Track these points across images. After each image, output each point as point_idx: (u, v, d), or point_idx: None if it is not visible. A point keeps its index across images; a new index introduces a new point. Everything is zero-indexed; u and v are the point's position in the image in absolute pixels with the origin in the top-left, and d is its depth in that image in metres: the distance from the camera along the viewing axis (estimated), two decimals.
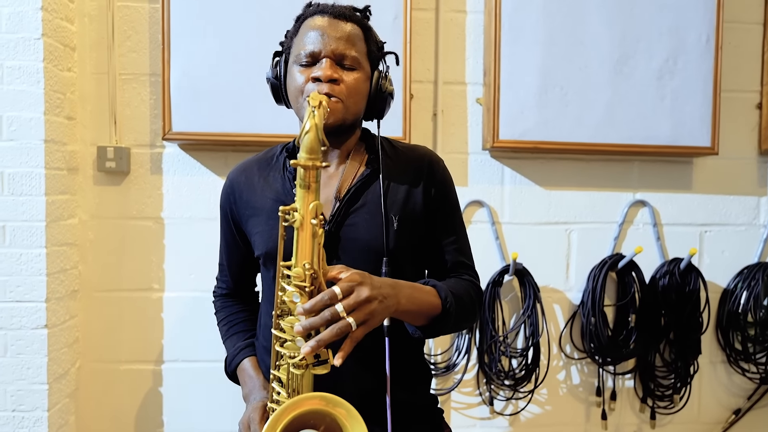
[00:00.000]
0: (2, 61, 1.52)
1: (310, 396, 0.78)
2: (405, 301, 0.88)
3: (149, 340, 1.76)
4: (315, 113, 0.81)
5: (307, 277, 0.81)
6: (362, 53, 0.99)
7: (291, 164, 0.82)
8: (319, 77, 0.94)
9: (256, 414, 0.97)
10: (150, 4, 1.71)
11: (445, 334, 1.03)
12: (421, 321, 0.95)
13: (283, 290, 0.84)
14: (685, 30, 1.75)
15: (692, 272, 1.82)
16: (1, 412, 1.57)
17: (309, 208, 0.81)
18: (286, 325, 0.83)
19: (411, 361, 1.07)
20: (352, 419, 0.76)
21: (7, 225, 1.54)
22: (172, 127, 1.65)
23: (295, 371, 0.83)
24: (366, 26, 1.02)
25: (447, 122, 1.81)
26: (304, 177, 0.81)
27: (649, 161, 1.87)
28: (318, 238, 0.81)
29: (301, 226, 0.81)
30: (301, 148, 0.81)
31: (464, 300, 1.00)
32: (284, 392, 0.85)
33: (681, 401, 1.84)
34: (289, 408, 0.76)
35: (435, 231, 1.06)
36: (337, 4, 1.01)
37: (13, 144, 1.53)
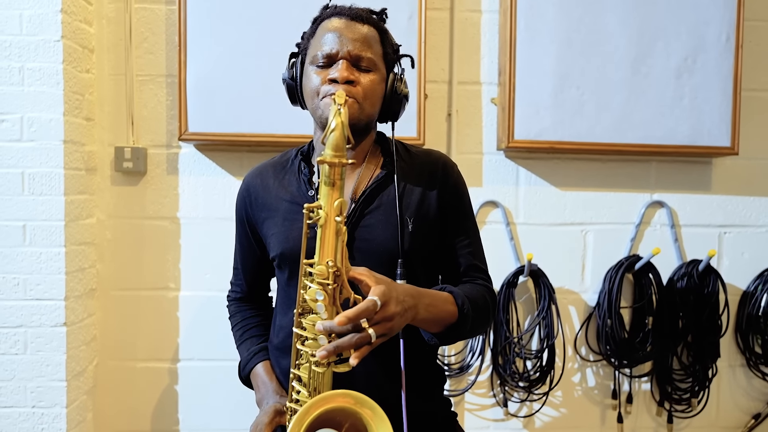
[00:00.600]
0: (23, 63, 1.54)
1: (338, 393, 0.78)
2: (423, 311, 0.89)
3: (165, 338, 1.78)
4: (341, 111, 0.81)
5: (330, 274, 0.81)
6: (378, 55, 0.99)
7: (317, 161, 0.83)
8: (335, 78, 0.94)
9: (265, 417, 0.98)
10: (167, 6, 1.73)
11: (460, 340, 1.04)
12: (437, 328, 0.96)
13: (305, 288, 0.84)
14: (705, 28, 1.72)
15: (711, 274, 1.79)
16: (22, 408, 1.59)
17: (333, 206, 0.81)
18: (308, 323, 0.83)
19: (425, 364, 1.07)
20: (378, 420, 0.76)
21: (27, 224, 1.57)
22: (188, 127, 1.66)
23: (317, 369, 0.83)
24: (382, 29, 1.02)
25: (461, 122, 1.80)
26: (329, 174, 0.82)
27: (667, 161, 1.84)
28: (342, 235, 0.82)
29: (325, 223, 0.81)
30: (327, 146, 0.81)
31: (480, 306, 1.00)
32: (305, 391, 0.86)
33: (699, 405, 1.82)
34: (317, 403, 0.76)
35: (449, 234, 1.06)
36: (354, 6, 1.01)
37: (33, 145, 1.56)
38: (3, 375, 1.58)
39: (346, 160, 0.82)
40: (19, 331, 1.58)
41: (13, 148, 1.55)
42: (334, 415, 0.77)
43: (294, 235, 1.00)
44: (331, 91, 0.94)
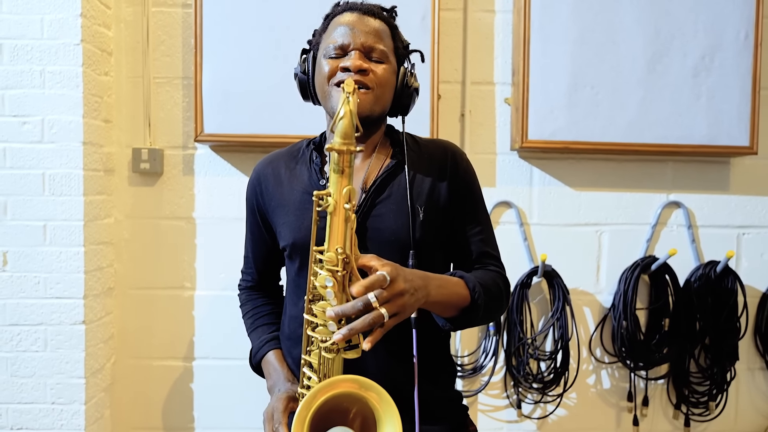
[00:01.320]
0: (44, 67, 1.58)
1: (344, 378, 0.79)
2: (434, 292, 0.89)
3: (181, 337, 1.81)
4: (349, 99, 0.82)
5: (340, 261, 0.82)
6: (389, 48, 1.01)
7: (326, 149, 0.84)
8: (348, 67, 0.96)
9: (279, 404, 0.99)
10: (183, 9, 1.76)
11: (474, 326, 1.04)
12: (450, 312, 0.96)
13: (315, 275, 0.86)
14: (723, 26, 1.70)
15: (729, 276, 1.76)
16: (42, 404, 1.63)
17: (342, 193, 0.83)
18: (318, 309, 0.85)
19: (437, 355, 1.08)
20: (383, 403, 0.77)
21: (47, 224, 1.60)
22: (203, 129, 1.68)
23: (327, 355, 0.84)
24: (393, 24, 1.05)
25: (475, 122, 1.80)
26: (338, 162, 0.83)
27: (684, 161, 1.82)
28: (350, 223, 0.83)
29: (334, 210, 0.83)
30: (336, 134, 0.82)
31: (492, 291, 1.01)
32: (315, 377, 0.87)
33: (717, 408, 1.79)
34: (323, 389, 0.77)
35: (459, 222, 1.07)
36: (365, 2, 1.02)
37: (53, 146, 1.59)
38: (24, 372, 1.62)
39: (355, 148, 0.83)
40: (40, 328, 1.61)
41: (34, 150, 1.59)
42: (341, 400, 0.78)
43: (305, 224, 1.01)
44: (343, 78, 0.95)
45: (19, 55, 1.57)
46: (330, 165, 0.84)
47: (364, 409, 0.78)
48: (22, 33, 1.57)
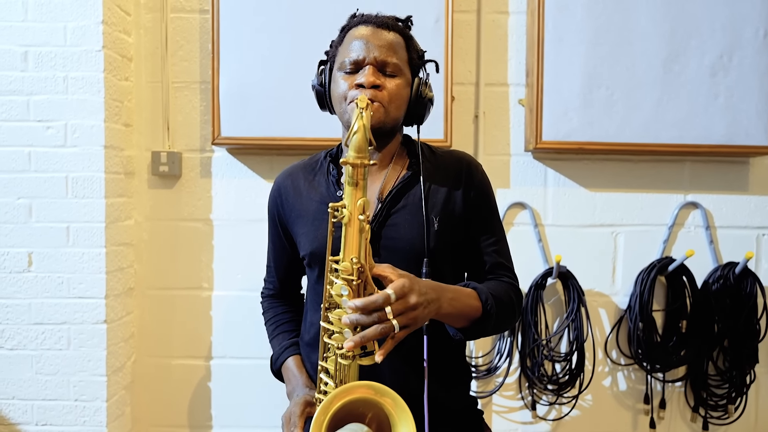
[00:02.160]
0: (67, 73, 1.62)
1: (359, 384, 0.81)
2: (446, 305, 0.90)
3: (199, 336, 1.84)
4: (363, 115, 0.85)
5: (355, 270, 0.84)
6: (403, 61, 1.02)
7: (340, 162, 0.86)
8: (362, 83, 0.98)
9: (297, 408, 1.01)
10: (200, 15, 1.79)
11: (485, 336, 1.05)
12: (461, 323, 0.97)
13: (331, 284, 0.88)
14: (741, 25, 1.67)
15: (748, 277, 1.74)
16: (65, 401, 1.67)
17: (357, 205, 0.85)
18: (334, 317, 0.87)
19: (451, 361, 1.09)
20: (398, 408, 0.78)
21: (70, 226, 1.64)
22: (221, 132, 1.72)
23: (343, 362, 0.86)
24: (407, 35, 1.05)
25: (489, 124, 1.80)
26: (352, 175, 0.85)
27: (702, 161, 1.80)
28: (365, 233, 0.85)
29: (349, 221, 0.85)
30: (350, 148, 0.85)
31: (504, 302, 1.02)
32: (332, 382, 0.89)
33: (736, 412, 1.76)
34: (340, 394, 0.79)
35: (474, 233, 1.08)
36: (380, 14, 1.04)
37: (75, 150, 1.63)
38: (48, 369, 1.67)
39: (368, 161, 0.85)
40: (63, 327, 1.66)
41: (57, 154, 1.63)
42: (357, 405, 0.79)
43: (322, 234, 1.03)
44: (357, 96, 0.97)
45: (43, 62, 1.62)
46: (345, 177, 0.86)
47: (380, 415, 0.80)
48: (46, 40, 1.61)
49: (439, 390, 1.00)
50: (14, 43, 1.61)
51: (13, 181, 1.63)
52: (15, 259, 1.65)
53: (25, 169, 1.64)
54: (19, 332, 1.66)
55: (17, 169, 1.63)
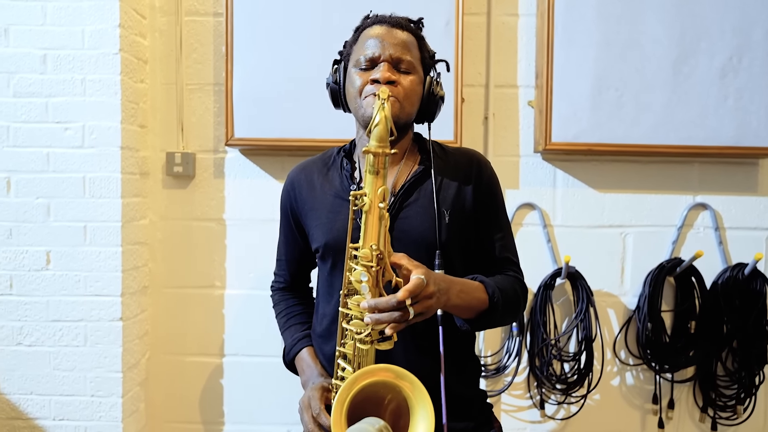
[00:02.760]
0: (85, 75, 1.66)
1: (380, 367, 0.84)
2: (455, 297, 0.94)
3: (211, 334, 1.87)
4: (384, 106, 0.88)
5: (374, 257, 0.87)
6: (417, 59, 1.05)
7: (362, 151, 0.89)
8: (377, 79, 1.00)
9: (316, 393, 1.04)
10: (214, 18, 1.82)
11: (491, 328, 1.08)
12: (468, 314, 1.01)
13: (351, 270, 0.91)
14: (750, 27, 1.68)
15: (758, 278, 1.74)
16: (82, 396, 1.71)
17: (377, 193, 0.88)
18: (353, 303, 0.90)
19: (462, 352, 1.12)
20: (416, 391, 0.81)
21: (87, 225, 1.68)
22: (234, 133, 1.74)
23: (362, 346, 0.90)
24: (419, 36, 1.09)
25: (498, 125, 1.82)
26: (373, 163, 0.88)
27: (711, 163, 1.80)
28: (384, 221, 0.88)
29: (369, 209, 0.88)
30: (372, 137, 0.88)
31: (510, 295, 1.05)
32: (350, 367, 0.92)
33: (745, 412, 1.77)
34: (362, 376, 0.83)
35: (482, 227, 1.11)
36: (393, 14, 1.06)
37: (93, 151, 1.67)
38: (65, 365, 1.70)
39: (389, 150, 0.89)
40: (80, 324, 1.70)
41: (75, 155, 1.67)
42: (377, 388, 0.82)
43: (337, 226, 1.06)
44: (373, 91, 1.00)
45: (62, 65, 1.65)
46: (366, 167, 0.90)
47: (398, 397, 0.82)
48: (64, 44, 1.65)
49: (451, 379, 1.03)
50: (33, 47, 1.65)
51: (32, 181, 1.67)
52: (33, 258, 1.69)
53: (43, 170, 1.67)
54: (37, 329, 1.70)
55: (36, 170, 1.67)
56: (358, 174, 1.11)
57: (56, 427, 1.71)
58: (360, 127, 1.11)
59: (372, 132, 0.88)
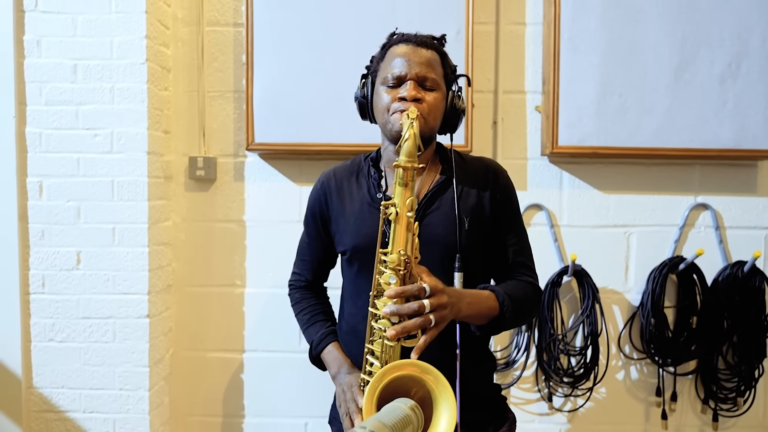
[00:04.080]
0: (113, 84, 1.74)
1: (407, 362, 0.92)
2: (465, 308, 1.02)
3: (232, 331, 1.95)
4: (413, 125, 0.97)
5: (402, 262, 0.95)
6: (440, 76, 1.13)
7: (393, 166, 0.97)
8: (404, 97, 1.08)
9: (353, 379, 1.11)
10: (234, 28, 1.90)
11: (506, 331, 1.16)
12: (480, 322, 1.09)
13: (380, 273, 0.99)
14: (748, 34, 1.75)
15: (757, 275, 1.81)
16: (111, 390, 1.79)
17: (406, 203, 0.96)
18: (381, 304, 0.98)
19: (478, 350, 1.19)
20: (439, 385, 0.89)
21: (116, 227, 1.76)
22: (254, 138, 1.83)
23: (389, 343, 0.97)
24: (442, 52, 1.16)
25: (507, 129, 1.90)
26: (403, 176, 0.97)
27: (711, 165, 1.88)
28: (412, 229, 0.96)
29: (398, 218, 0.96)
30: (402, 153, 0.96)
31: (521, 301, 1.12)
32: (378, 362, 0.99)
33: (745, 404, 1.84)
34: (391, 369, 0.90)
35: (499, 232, 1.18)
36: (418, 33, 1.14)
37: (121, 156, 1.75)
38: (95, 361, 1.78)
39: (417, 165, 0.97)
40: (109, 321, 1.78)
41: (104, 160, 1.75)
42: (403, 381, 0.90)
43: (365, 231, 1.14)
44: (400, 108, 1.08)
45: (91, 74, 1.74)
46: (395, 179, 0.98)
47: (422, 390, 0.90)
48: (93, 54, 1.73)
49: (469, 374, 1.10)
50: (65, 57, 1.73)
51: (63, 185, 1.76)
52: (65, 258, 1.77)
53: (74, 174, 1.76)
54: (68, 326, 1.78)
55: (67, 174, 1.75)
56: (384, 182, 1.18)
57: (86, 420, 1.79)
58: (385, 139, 1.18)
59: (402, 148, 0.96)
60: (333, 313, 1.35)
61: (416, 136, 0.96)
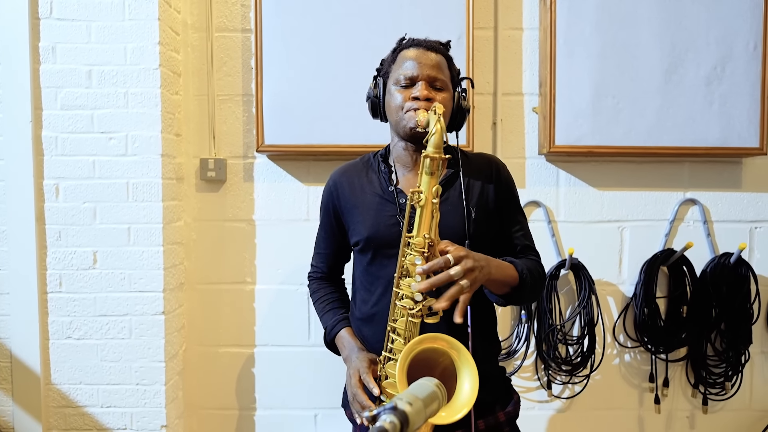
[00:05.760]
0: (127, 89, 1.79)
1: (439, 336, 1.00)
2: (495, 270, 1.10)
3: (243, 326, 2.02)
4: (441, 119, 1.06)
5: (426, 244, 1.04)
6: (447, 78, 1.22)
7: (422, 156, 1.06)
8: (417, 96, 1.17)
9: (364, 363, 1.19)
10: (242, 34, 1.96)
11: (520, 304, 1.25)
12: (503, 290, 1.17)
13: (405, 255, 1.08)
14: (733, 38, 1.86)
15: (742, 266, 1.92)
16: (127, 385, 1.85)
17: (432, 191, 1.05)
18: (405, 284, 1.06)
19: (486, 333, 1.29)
20: (463, 359, 0.98)
21: (131, 227, 1.82)
22: (264, 140, 1.89)
23: (413, 320, 1.06)
24: (448, 57, 1.25)
25: (506, 130, 1.99)
26: (430, 166, 1.06)
27: (699, 162, 1.98)
28: (436, 214, 1.05)
29: (425, 204, 1.05)
30: (429, 145, 1.05)
31: (534, 274, 1.23)
32: (400, 339, 1.08)
33: (732, 389, 1.95)
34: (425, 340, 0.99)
35: (504, 220, 1.28)
36: (427, 38, 1.24)
37: (135, 158, 1.81)
38: (112, 356, 1.84)
39: (444, 155, 1.06)
40: (125, 318, 1.84)
41: (119, 162, 1.81)
42: (431, 353, 0.98)
43: (378, 222, 1.23)
44: (414, 107, 1.17)
45: (106, 80, 1.79)
46: (422, 168, 1.07)
47: (447, 363, 0.98)
48: (108, 60, 1.79)
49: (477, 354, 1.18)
50: (80, 63, 1.79)
51: (80, 187, 1.81)
52: (81, 258, 1.82)
53: (90, 176, 1.81)
54: (85, 323, 1.84)
55: (83, 176, 1.81)
56: (395, 176, 1.27)
57: (104, 414, 1.85)
58: (395, 135, 1.27)
59: (429, 140, 1.05)
60: (348, 300, 1.43)
61: (443, 130, 1.05)
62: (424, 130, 1.11)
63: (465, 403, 0.94)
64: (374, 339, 1.24)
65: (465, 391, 0.94)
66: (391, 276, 1.15)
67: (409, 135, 1.19)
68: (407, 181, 1.26)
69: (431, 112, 1.09)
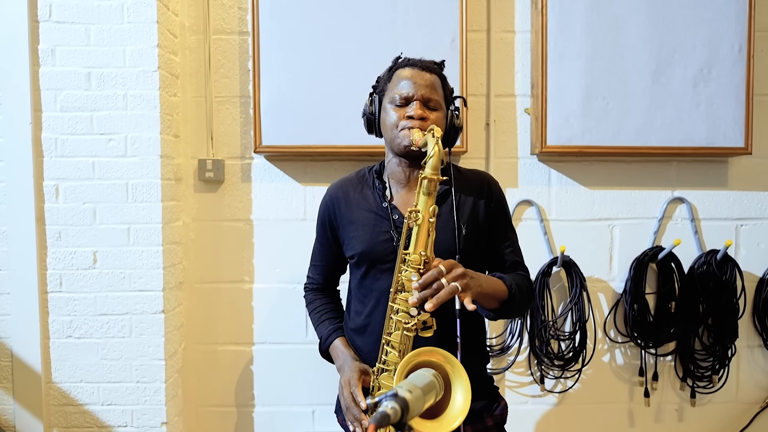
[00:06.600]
0: (126, 91, 1.82)
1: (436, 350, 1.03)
2: (485, 283, 1.14)
3: (242, 324, 2.05)
4: (439, 142, 1.09)
5: (422, 261, 1.07)
6: (441, 97, 1.26)
7: (420, 178, 1.09)
8: (412, 115, 1.20)
9: (354, 374, 1.23)
10: (239, 37, 1.99)
11: (508, 318, 1.29)
12: (493, 304, 1.21)
13: (401, 271, 1.11)
14: (718, 41, 1.91)
15: (729, 262, 1.97)
16: (128, 383, 1.87)
17: (429, 210, 1.08)
18: (401, 299, 1.09)
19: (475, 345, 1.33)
20: (456, 372, 1.01)
21: (131, 227, 1.85)
22: (262, 141, 1.92)
23: (408, 334, 1.09)
24: (443, 76, 1.29)
25: (498, 130, 2.03)
26: (427, 186, 1.09)
27: (687, 161, 2.03)
28: (432, 233, 1.08)
29: (421, 222, 1.08)
30: (427, 167, 1.08)
31: (523, 289, 1.26)
32: (394, 352, 1.10)
33: (719, 382, 2.00)
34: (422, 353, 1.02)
35: (495, 238, 1.32)
36: (422, 58, 1.27)
37: (135, 159, 1.84)
38: (113, 355, 1.87)
39: (440, 177, 1.09)
40: (125, 317, 1.86)
41: (119, 163, 1.83)
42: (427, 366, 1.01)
43: (372, 238, 1.26)
44: (408, 125, 1.20)
45: (105, 82, 1.82)
46: (419, 189, 1.10)
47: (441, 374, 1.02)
48: (107, 62, 1.81)
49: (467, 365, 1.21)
50: (79, 65, 1.81)
51: (80, 188, 1.83)
52: (82, 258, 1.85)
53: (89, 177, 1.83)
54: (85, 322, 1.86)
55: (83, 177, 1.83)
56: (389, 192, 1.30)
57: (105, 412, 1.88)
58: (390, 151, 1.30)
59: (427, 162, 1.09)
60: (342, 311, 1.47)
61: (441, 152, 1.08)
62: (418, 149, 1.14)
63: (458, 413, 0.98)
64: (366, 349, 1.28)
65: (458, 402, 0.98)
66: (384, 289, 1.19)
67: (404, 152, 1.23)
68: (401, 198, 1.29)
69: (429, 134, 1.12)
